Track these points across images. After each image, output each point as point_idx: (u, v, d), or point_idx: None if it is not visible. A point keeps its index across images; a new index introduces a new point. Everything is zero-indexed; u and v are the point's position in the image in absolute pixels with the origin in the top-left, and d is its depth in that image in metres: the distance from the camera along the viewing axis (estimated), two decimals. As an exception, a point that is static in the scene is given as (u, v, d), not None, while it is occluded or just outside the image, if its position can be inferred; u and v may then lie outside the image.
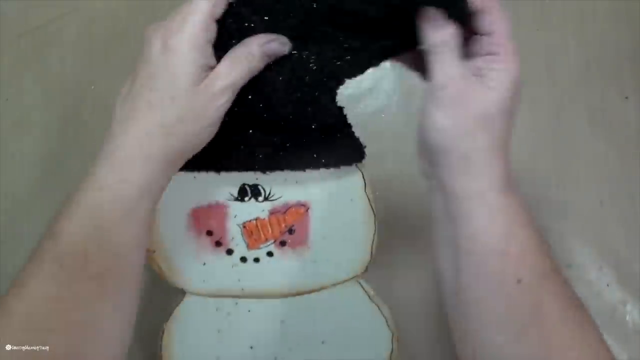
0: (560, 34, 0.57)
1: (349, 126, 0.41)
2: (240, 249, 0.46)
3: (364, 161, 0.44)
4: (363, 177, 0.45)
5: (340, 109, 0.39)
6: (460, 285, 0.33)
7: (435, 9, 0.32)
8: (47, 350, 0.29)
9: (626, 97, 0.56)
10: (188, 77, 0.32)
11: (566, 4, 0.58)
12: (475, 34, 0.33)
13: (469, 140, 0.32)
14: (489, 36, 0.32)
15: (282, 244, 0.46)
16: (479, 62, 0.33)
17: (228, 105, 0.34)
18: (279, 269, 0.46)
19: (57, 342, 0.30)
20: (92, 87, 0.58)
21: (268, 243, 0.46)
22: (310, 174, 0.43)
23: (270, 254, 0.46)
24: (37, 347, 0.29)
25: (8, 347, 0.28)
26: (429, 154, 0.35)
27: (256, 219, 0.45)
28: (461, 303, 0.34)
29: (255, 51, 0.34)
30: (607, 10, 0.58)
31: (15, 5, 0.59)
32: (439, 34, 0.32)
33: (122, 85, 0.36)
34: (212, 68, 0.33)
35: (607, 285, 0.53)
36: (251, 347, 0.46)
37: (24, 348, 0.29)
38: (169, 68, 0.33)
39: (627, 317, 0.53)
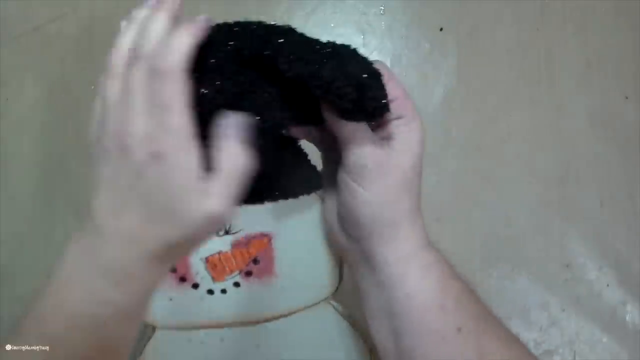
0: (560, 34, 0.57)
1: (305, 155, 0.40)
2: (205, 282, 0.46)
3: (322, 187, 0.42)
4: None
5: (294, 140, 0.39)
6: (403, 349, 0.34)
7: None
8: (47, 350, 0.29)
9: (626, 97, 0.56)
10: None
11: (566, 4, 0.58)
12: None
13: (394, 208, 0.33)
14: (394, 101, 0.33)
15: (248, 274, 0.45)
16: (390, 127, 0.33)
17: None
18: (247, 298, 0.45)
19: None
20: (92, 87, 0.58)
21: (233, 274, 0.46)
22: (270, 207, 0.43)
23: (237, 284, 0.46)
24: (37, 347, 0.29)
25: (8, 347, 0.28)
26: (353, 228, 0.35)
27: (219, 253, 0.45)
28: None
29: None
30: (607, 10, 0.58)
31: (15, 5, 0.59)
32: (346, 129, 0.32)
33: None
34: None
35: (607, 285, 0.53)
36: None
37: (24, 348, 0.29)
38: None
39: (627, 317, 0.53)
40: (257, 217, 0.45)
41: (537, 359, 0.35)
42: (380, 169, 0.32)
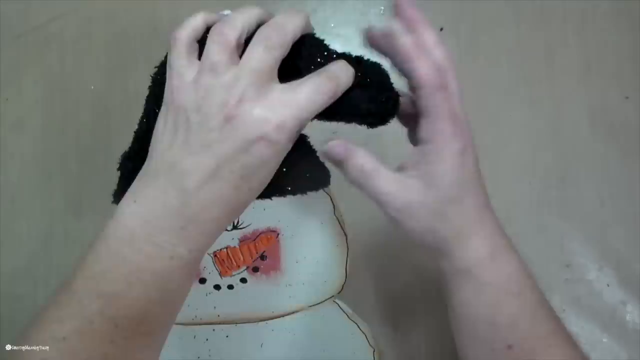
0: (560, 34, 0.57)
1: (314, 152, 0.41)
2: (213, 277, 0.46)
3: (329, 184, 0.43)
4: (332, 201, 0.45)
5: (303, 136, 0.39)
6: (459, 344, 0.36)
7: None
8: (47, 350, 0.29)
9: (626, 97, 0.56)
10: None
11: (566, 4, 0.58)
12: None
13: (432, 235, 0.33)
14: (425, 117, 0.33)
15: (255, 270, 0.46)
16: (419, 151, 0.33)
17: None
18: (254, 294, 0.46)
19: None
20: (92, 87, 0.58)
21: (240, 270, 0.46)
22: (279, 202, 0.42)
23: (243, 280, 0.46)
24: (37, 347, 0.29)
25: (8, 347, 0.28)
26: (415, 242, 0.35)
27: (227, 248, 0.46)
28: (461, 358, 0.36)
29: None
30: (607, 10, 0.58)
31: (15, 5, 0.59)
32: (355, 170, 0.33)
33: (122, 85, 0.36)
34: None
35: (607, 285, 0.53)
36: None
37: (24, 348, 0.29)
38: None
39: (627, 317, 0.53)
40: (265, 213, 0.45)
41: None
42: (407, 207, 0.33)
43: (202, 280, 0.46)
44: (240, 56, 0.30)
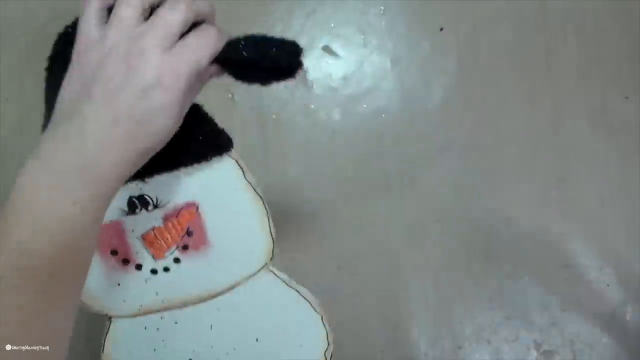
0: (560, 34, 0.57)
1: (211, 119, 0.42)
2: (147, 262, 0.46)
3: (234, 150, 0.44)
4: (239, 165, 0.45)
5: (197, 106, 0.41)
6: None
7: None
8: (48, 350, 0.29)
9: (626, 97, 0.56)
10: (180, 112, 0.33)
11: (566, 4, 0.58)
12: None
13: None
14: None
15: (185, 247, 0.46)
16: None
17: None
18: (190, 273, 0.46)
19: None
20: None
21: (171, 250, 0.46)
22: (190, 173, 0.44)
23: (177, 260, 0.46)
24: (37, 347, 0.29)
25: (8, 347, 0.28)
26: None
27: (153, 229, 0.45)
28: None
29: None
30: (607, 10, 0.58)
31: (15, 5, 0.59)
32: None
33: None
34: None
35: (607, 285, 0.53)
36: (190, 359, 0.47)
37: (24, 348, 0.28)
38: (163, 105, 0.32)
39: (627, 317, 0.53)
40: (181, 188, 0.45)
41: None
42: None
43: (139, 267, 0.46)
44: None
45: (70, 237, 0.31)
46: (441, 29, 0.58)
